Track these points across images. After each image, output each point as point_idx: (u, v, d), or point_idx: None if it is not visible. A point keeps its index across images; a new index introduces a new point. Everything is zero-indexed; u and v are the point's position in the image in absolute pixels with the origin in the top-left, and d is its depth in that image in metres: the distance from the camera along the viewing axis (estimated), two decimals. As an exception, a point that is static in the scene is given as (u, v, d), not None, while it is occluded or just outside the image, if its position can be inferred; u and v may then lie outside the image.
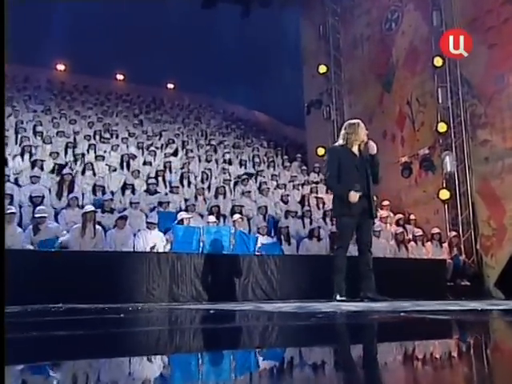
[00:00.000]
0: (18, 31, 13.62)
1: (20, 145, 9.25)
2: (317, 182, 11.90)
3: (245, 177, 10.28)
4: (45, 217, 6.33)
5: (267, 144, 15.23)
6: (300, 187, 10.92)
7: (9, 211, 5.96)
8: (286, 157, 13.69)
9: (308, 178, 12.08)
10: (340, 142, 4.78)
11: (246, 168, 11.77)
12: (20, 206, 7.04)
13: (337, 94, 13.07)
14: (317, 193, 10.74)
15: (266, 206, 8.71)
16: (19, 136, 9.77)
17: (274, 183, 10.90)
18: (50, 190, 7.60)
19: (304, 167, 12.72)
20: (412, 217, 10.08)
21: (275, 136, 17.60)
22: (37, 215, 6.32)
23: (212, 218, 7.52)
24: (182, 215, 7.04)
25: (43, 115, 12.25)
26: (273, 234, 8.25)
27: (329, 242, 8.18)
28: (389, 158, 11.26)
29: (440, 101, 9.89)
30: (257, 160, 12.49)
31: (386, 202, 10.55)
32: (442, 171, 9.82)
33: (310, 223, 8.76)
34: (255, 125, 19.28)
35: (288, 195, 9.85)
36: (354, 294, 4.60)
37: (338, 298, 4.42)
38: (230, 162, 11.69)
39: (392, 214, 10.25)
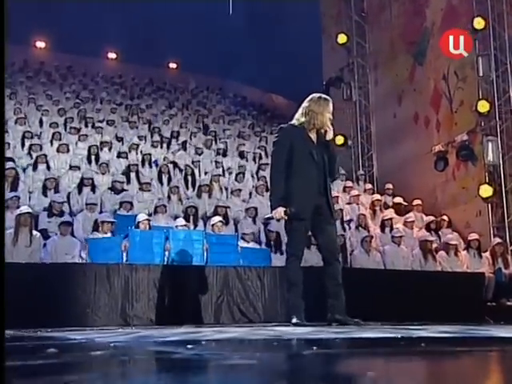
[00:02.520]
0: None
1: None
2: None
3: (238, 171, 9.88)
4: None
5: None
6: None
7: None
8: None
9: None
10: (296, 120, 4.28)
11: (247, 161, 11.38)
12: None
13: (360, 69, 12.53)
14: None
15: (256, 208, 8.27)
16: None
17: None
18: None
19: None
20: (445, 218, 9.46)
21: (293, 123, 17.15)
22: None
23: (181, 221, 7.16)
24: (139, 217, 6.71)
25: (7, 100, 12.17)
26: (264, 243, 7.84)
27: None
28: (421, 147, 10.71)
29: (481, 73, 9.24)
30: (262, 152, 12.07)
31: (417, 202, 9.97)
32: (483, 162, 9.18)
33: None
34: (271, 110, 18.88)
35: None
36: (320, 315, 4.17)
37: (294, 321, 3.97)
38: (224, 154, 11.31)
39: (425, 217, 9.67)
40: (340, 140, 12.36)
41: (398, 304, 6.65)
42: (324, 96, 4.30)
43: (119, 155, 9.93)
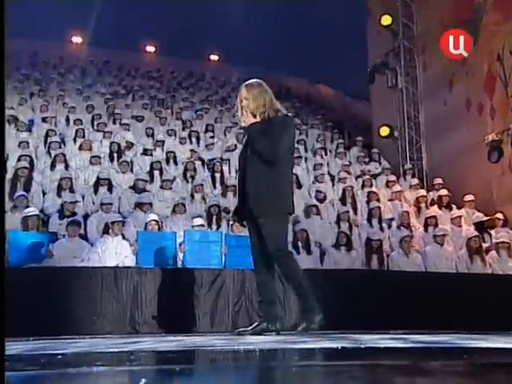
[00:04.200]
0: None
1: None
2: (376, 174, 11.03)
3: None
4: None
5: (324, 125, 14.49)
6: (348, 179, 10.08)
7: None
8: (341, 140, 12.86)
9: (366, 168, 11.21)
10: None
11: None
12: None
13: (406, 53, 12.03)
14: (370, 187, 9.87)
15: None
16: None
17: (312, 175, 10.18)
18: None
19: (362, 154, 11.84)
20: (500, 216, 8.90)
21: (340, 114, 16.78)
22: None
23: (198, 221, 6.99)
24: (147, 218, 6.59)
25: (36, 98, 12.41)
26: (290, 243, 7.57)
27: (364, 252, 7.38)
28: (474, 137, 10.17)
29: (538, 51, 8.64)
30: (300, 146, 11.79)
31: (469, 197, 9.45)
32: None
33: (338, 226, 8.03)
34: (317, 101, 18.54)
35: (320, 192, 9.10)
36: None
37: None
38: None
39: (477, 212, 9.14)
40: (385, 131, 11.95)
41: (439, 310, 6.29)
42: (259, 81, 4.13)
43: (144, 152, 9.89)
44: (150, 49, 20.90)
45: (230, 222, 7.13)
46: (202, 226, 6.90)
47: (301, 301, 4.02)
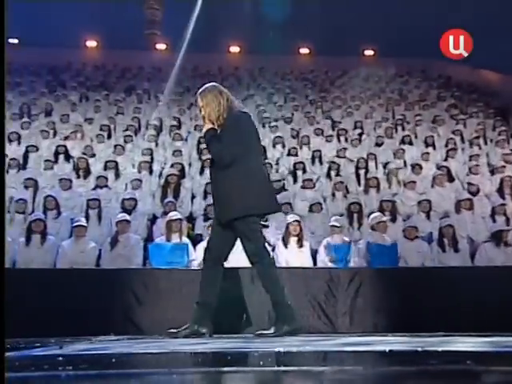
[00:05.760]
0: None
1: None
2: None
3: (415, 162, 9.36)
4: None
5: (485, 113, 13.66)
6: (508, 169, 9.38)
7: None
8: (503, 128, 11.98)
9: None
10: None
11: (434, 149, 10.68)
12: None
13: None
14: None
15: (429, 201, 7.75)
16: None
17: (466, 168, 9.63)
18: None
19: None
20: None
21: (505, 100, 15.65)
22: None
23: (336, 220, 6.92)
24: (291, 218, 6.71)
25: (194, 108, 13.23)
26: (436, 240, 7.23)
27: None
28: None
29: None
30: (457, 137, 11.22)
31: None
32: None
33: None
34: (480, 88, 17.47)
35: (473, 184, 8.58)
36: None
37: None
38: (410, 142, 10.87)
39: None
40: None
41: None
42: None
43: (289, 153, 10.11)
44: (304, 51, 21.20)
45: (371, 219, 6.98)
46: (337, 227, 6.80)
47: (274, 308, 3.93)
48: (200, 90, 4.04)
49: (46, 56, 17.98)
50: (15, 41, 18.79)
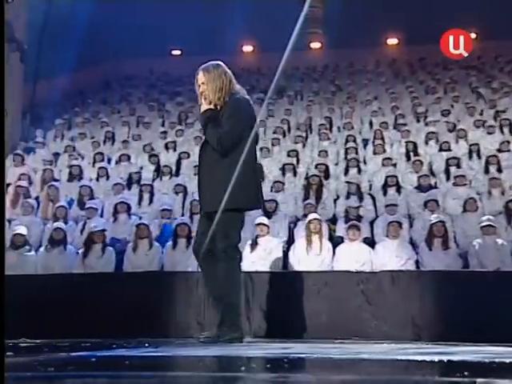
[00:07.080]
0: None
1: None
2: None
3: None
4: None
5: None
6: None
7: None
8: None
9: None
10: None
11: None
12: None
13: None
14: None
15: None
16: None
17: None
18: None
19: None
20: None
21: None
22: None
23: (487, 220, 6.30)
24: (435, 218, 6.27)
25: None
26: None
27: None
28: None
29: None
30: None
31: None
32: None
33: None
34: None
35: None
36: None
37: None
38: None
39: None
40: None
41: None
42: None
43: (441, 148, 9.57)
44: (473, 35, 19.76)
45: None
46: (491, 226, 6.22)
47: (223, 312, 3.68)
48: (203, 66, 3.87)
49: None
50: (178, 52, 19.95)
